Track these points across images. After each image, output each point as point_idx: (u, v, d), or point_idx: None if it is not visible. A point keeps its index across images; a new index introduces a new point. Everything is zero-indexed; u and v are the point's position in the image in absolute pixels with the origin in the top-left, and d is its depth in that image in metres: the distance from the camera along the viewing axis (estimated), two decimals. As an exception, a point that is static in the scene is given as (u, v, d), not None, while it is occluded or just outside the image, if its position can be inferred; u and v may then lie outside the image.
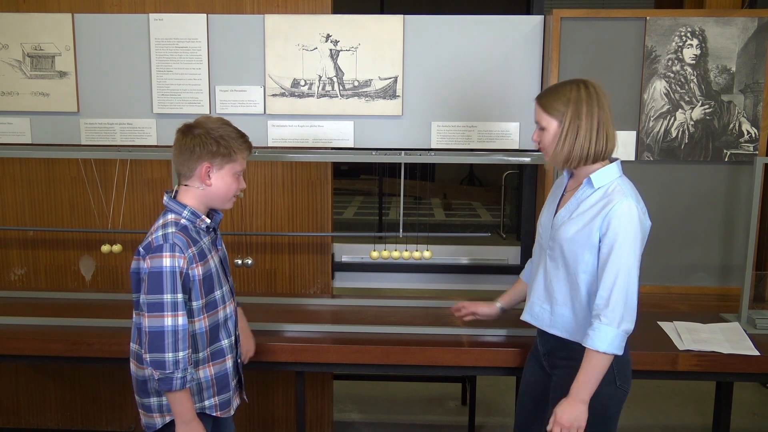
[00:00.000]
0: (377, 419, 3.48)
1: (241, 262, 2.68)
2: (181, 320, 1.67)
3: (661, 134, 2.74)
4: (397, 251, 2.48)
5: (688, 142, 2.75)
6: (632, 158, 2.75)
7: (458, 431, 3.34)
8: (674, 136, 2.74)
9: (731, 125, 2.73)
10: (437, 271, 3.07)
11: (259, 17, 2.76)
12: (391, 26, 2.74)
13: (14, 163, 2.92)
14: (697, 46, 2.68)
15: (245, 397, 2.00)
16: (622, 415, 1.86)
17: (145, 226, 2.94)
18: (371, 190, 11.10)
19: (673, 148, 2.75)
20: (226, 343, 1.86)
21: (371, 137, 2.82)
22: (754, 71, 2.69)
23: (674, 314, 2.48)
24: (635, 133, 2.74)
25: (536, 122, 1.82)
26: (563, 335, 1.84)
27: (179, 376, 1.67)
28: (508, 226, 8.60)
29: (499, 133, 2.80)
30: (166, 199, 1.77)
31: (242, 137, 1.78)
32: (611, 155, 1.79)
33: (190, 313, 1.72)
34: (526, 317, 1.96)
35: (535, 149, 2.78)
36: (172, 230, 1.70)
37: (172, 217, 1.74)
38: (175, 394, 1.70)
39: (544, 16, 2.76)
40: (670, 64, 2.70)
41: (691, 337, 2.22)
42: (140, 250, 1.72)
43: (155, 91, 2.81)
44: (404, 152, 2.43)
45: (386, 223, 8.42)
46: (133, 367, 1.83)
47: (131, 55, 2.80)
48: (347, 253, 3.14)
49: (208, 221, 1.79)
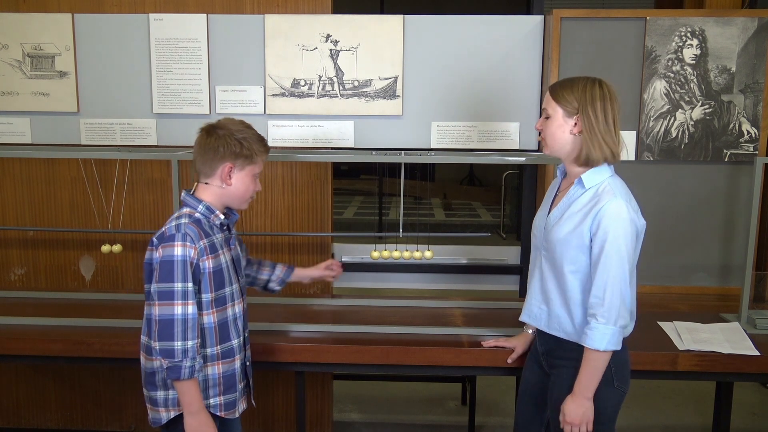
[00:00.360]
0: (377, 419, 3.48)
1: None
2: (191, 309, 1.70)
3: (661, 134, 2.74)
4: (397, 251, 2.47)
5: (688, 142, 2.74)
6: (632, 158, 2.75)
7: (458, 431, 3.34)
8: (674, 136, 2.74)
9: (731, 125, 2.73)
10: (437, 271, 3.07)
11: (259, 17, 2.76)
12: (391, 26, 2.74)
13: (14, 163, 2.92)
14: (697, 46, 2.68)
15: (253, 402, 2.00)
16: (621, 415, 1.87)
17: (145, 226, 2.94)
18: (371, 190, 11.11)
19: (673, 148, 2.75)
20: (235, 342, 1.87)
21: (371, 137, 2.82)
22: (754, 71, 2.69)
23: (674, 314, 2.48)
24: (635, 133, 2.74)
25: (543, 109, 1.82)
26: (561, 335, 1.85)
27: (188, 364, 1.69)
28: (508, 226, 8.60)
29: (499, 133, 2.80)
30: (183, 194, 1.82)
31: (262, 140, 1.84)
32: (615, 160, 1.77)
33: (198, 305, 1.75)
34: (524, 318, 1.97)
35: (534, 149, 2.79)
36: (185, 221, 1.74)
37: (187, 210, 1.79)
38: (183, 383, 1.72)
39: (544, 16, 2.76)
40: (670, 64, 2.70)
41: (691, 337, 2.22)
42: (154, 240, 1.76)
43: (155, 91, 2.81)
44: (404, 152, 2.43)
45: (386, 223, 8.41)
46: (142, 359, 1.85)
47: (131, 55, 2.80)
48: (347, 253, 3.14)
49: (221, 217, 1.83)
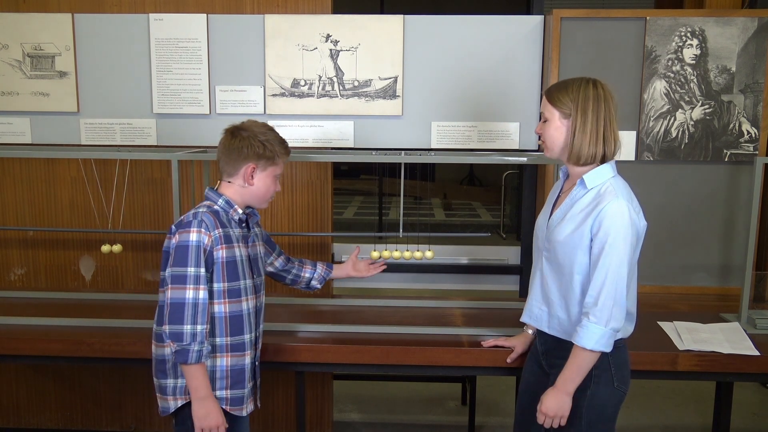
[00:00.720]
0: (377, 419, 3.48)
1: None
2: (201, 294, 1.74)
3: (661, 134, 2.74)
4: (397, 251, 2.47)
5: (688, 142, 2.74)
6: (632, 158, 2.75)
7: (458, 431, 3.34)
8: (674, 136, 2.74)
9: (731, 125, 2.73)
10: (437, 271, 3.08)
11: (259, 17, 2.76)
12: (391, 26, 2.74)
13: (14, 163, 2.92)
14: (697, 46, 2.68)
15: (258, 402, 2.02)
16: (621, 415, 1.86)
17: (145, 226, 2.94)
18: (371, 190, 11.12)
19: (673, 148, 2.75)
20: (247, 337, 1.89)
21: (371, 137, 2.82)
22: (754, 71, 2.69)
23: (674, 314, 2.48)
24: (635, 133, 2.74)
25: (541, 113, 1.83)
26: (561, 335, 1.85)
27: (195, 348, 1.72)
28: (508, 226, 8.60)
29: (499, 133, 2.80)
30: (207, 190, 1.88)
31: (283, 143, 1.90)
32: (613, 158, 1.78)
33: (210, 294, 1.79)
34: (525, 318, 1.97)
35: (534, 149, 2.79)
36: (202, 210, 1.81)
37: (207, 202, 1.86)
38: (190, 367, 1.74)
39: (544, 16, 2.76)
40: (670, 64, 2.70)
41: (691, 337, 2.22)
42: (172, 228, 1.81)
43: (155, 91, 2.81)
44: (404, 152, 2.43)
45: (386, 223, 8.41)
46: (153, 347, 1.89)
47: (131, 55, 2.80)
48: (347, 253, 3.12)
49: (240, 212, 1.86)
